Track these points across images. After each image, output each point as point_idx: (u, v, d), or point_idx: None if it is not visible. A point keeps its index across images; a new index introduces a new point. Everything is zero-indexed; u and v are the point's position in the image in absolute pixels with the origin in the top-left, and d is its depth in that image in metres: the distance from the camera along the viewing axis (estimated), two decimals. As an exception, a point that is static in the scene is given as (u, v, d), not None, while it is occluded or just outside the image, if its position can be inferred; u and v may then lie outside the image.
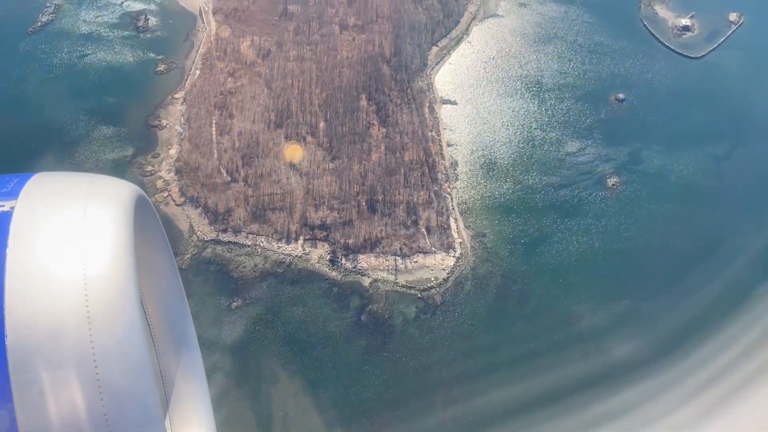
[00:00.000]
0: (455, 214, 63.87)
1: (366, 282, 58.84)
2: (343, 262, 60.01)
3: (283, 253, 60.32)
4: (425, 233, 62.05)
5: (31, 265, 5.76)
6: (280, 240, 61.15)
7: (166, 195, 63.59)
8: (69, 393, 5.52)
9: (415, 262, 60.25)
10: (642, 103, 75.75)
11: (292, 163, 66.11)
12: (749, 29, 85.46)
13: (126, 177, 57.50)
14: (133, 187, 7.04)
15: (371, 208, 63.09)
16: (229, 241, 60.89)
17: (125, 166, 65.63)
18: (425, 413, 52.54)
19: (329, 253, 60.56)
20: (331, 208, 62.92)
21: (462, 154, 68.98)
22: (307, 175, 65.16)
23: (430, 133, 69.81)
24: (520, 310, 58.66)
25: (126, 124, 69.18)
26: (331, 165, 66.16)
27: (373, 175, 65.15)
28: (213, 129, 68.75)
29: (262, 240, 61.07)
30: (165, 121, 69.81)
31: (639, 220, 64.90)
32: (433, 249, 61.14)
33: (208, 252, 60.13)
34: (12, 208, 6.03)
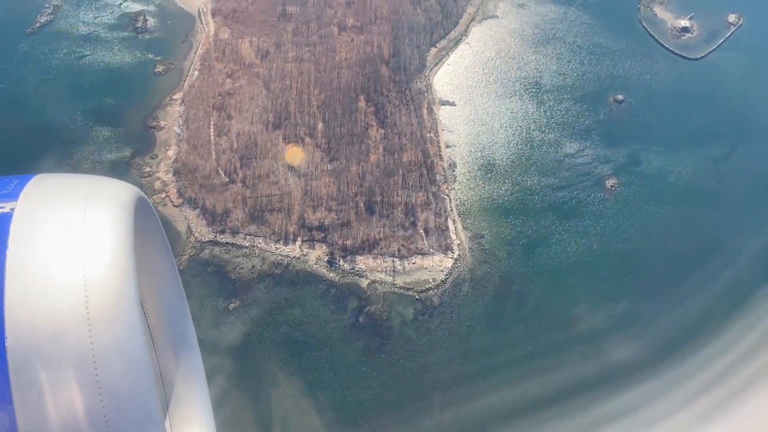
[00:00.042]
0: (453, 215, 63.77)
1: (364, 283, 58.74)
2: (341, 263, 59.92)
3: (280, 255, 60.24)
4: (423, 235, 61.96)
5: (31, 267, 5.77)
6: (277, 241, 61.07)
7: (164, 196, 63.53)
8: (69, 394, 5.52)
9: (413, 264, 60.15)
10: (641, 105, 75.66)
11: (291, 165, 66.05)
12: (748, 30, 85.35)
13: (124, 178, 57.21)
14: (133, 188, 7.06)
15: (369, 210, 63.01)
16: (227, 243, 60.81)
17: (123, 167, 65.56)
18: (423, 415, 52.42)
19: (327, 255, 60.47)
20: (329, 210, 62.84)
21: (460, 156, 68.88)
22: (305, 176, 65.09)
23: (428, 135, 69.73)
24: (518, 311, 58.56)
25: (124, 125, 69.15)
26: (329, 166, 66.10)
27: (372, 176, 65.08)
28: (211, 130, 68.70)
29: (260, 241, 60.99)
30: (163, 122, 69.76)
31: (637, 222, 64.78)
32: (431, 250, 61.06)
33: (205, 253, 60.07)
34: (12, 209, 6.05)
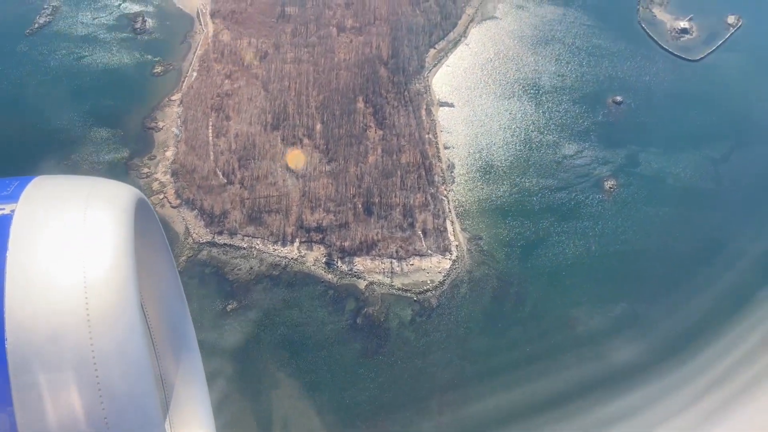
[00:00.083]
0: (452, 216, 63.69)
1: (362, 285, 58.65)
2: (338, 264, 59.83)
3: (278, 256, 60.16)
4: (421, 236, 61.87)
5: (32, 268, 5.78)
6: (275, 242, 60.99)
7: (162, 197, 63.46)
8: (69, 395, 5.53)
9: (411, 265, 60.06)
10: (640, 106, 75.58)
11: (289, 166, 65.98)
12: (748, 32, 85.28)
13: (122, 179, 57.21)
14: (133, 190, 7.07)
15: (367, 211, 62.93)
16: (225, 244, 60.74)
17: (121, 168, 65.50)
18: (421, 417, 52.32)
19: (325, 256, 60.38)
20: (327, 211, 62.76)
21: (459, 157, 68.79)
22: (304, 177, 65.02)
23: (427, 136, 69.65)
24: (516, 313, 58.45)
25: (122, 125, 69.06)
26: (327, 167, 66.02)
27: (370, 177, 65.01)
28: (209, 131, 68.64)
29: (258, 242, 60.91)
30: (161, 123, 69.71)
31: (636, 223, 64.68)
32: (429, 252, 60.96)
33: (203, 254, 59.98)
34: (12, 211, 6.07)
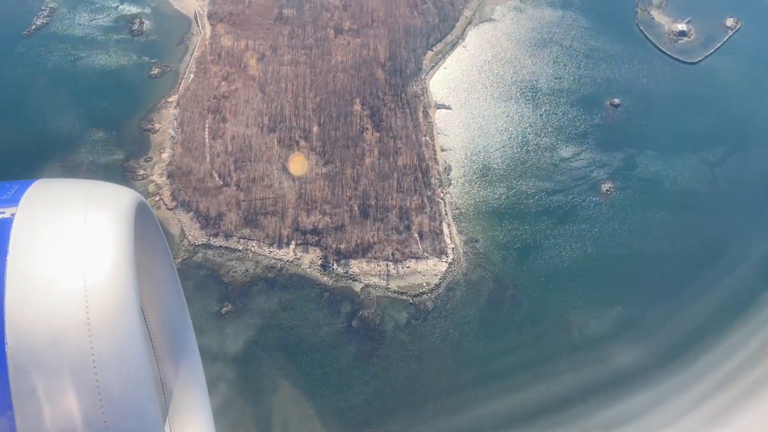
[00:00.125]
0: (448, 219, 63.54)
1: (357, 287, 58.49)
2: (334, 267, 59.68)
3: (274, 258, 60.00)
4: (418, 238, 61.73)
5: (32, 272, 5.78)
6: (271, 245, 60.85)
7: (158, 199, 63.34)
8: (69, 400, 5.51)
9: (407, 268, 59.91)
10: (637, 109, 75.48)
11: (285, 168, 65.87)
12: (746, 35, 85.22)
13: (118, 181, 57.22)
14: (133, 193, 7.05)
15: (364, 213, 62.81)
16: (221, 246, 60.60)
17: (117, 169, 65.36)
18: (416, 421, 52.08)
19: (321, 258, 60.23)
20: (323, 213, 62.63)
21: (456, 159, 68.68)
22: (300, 179, 64.90)
23: (423, 138, 69.55)
24: (512, 316, 58.25)
25: (119, 127, 68.96)
26: (324, 169, 65.91)
27: (366, 179, 64.91)
28: (206, 133, 68.55)
29: (254, 245, 60.75)
30: (158, 125, 69.62)
31: (633, 226, 64.52)
32: (425, 254, 60.81)
33: (199, 256, 59.84)
34: (13, 215, 6.06)
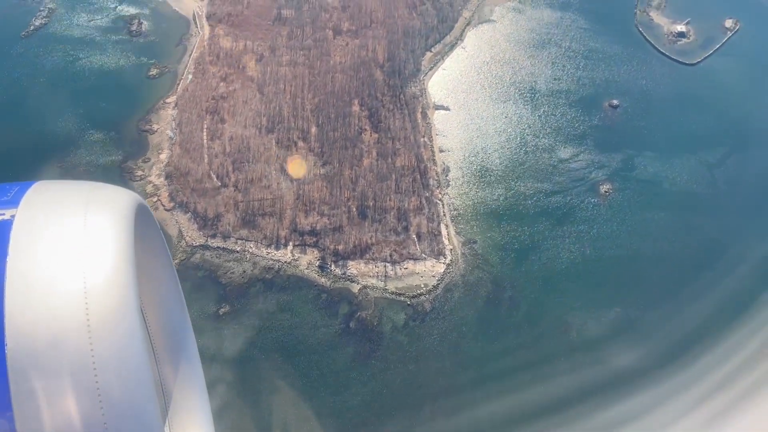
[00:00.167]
0: (446, 220, 63.45)
1: (355, 288, 58.40)
2: (332, 268, 59.58)
3: (272, 259, 59.90)
4: (416, 239, 61.64)
5: (32, 274, 5.78)
6: (269, 246, 60.75)
7: (156, 200, 63.25)
8: (69, 401, 5.51)
9: (405, 269, 59.81)
10: (636, 110, 75.39)
11: (284, 169, 65.80)
12: (745, 36, 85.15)
13: (116, 182, 57.22)
14: (133, 195, 7.06)
15: (362, 214, 62.72)
16: (218, 247, 60.50)
17: (116, 170, 65.26)
18: (414, 423, 51.99)
19: (319, 260, 60.14)
20: (321, 214, 62.55)
21: (454, 160, 68.59)
22: (298, 180, 64.81)
23: (422, 139, 69.47)
24: (510, 317, 58.16)
25: (117, 128, 68.87)
26: (322, 170, 65.83)
27: (365, 180, 64.82)
28: (204, 134, 68.48)
29: (251, 246, 60.67)
30: (156, 126, 69.55)
31: (632, 227, 64.43)
32: (423, 255, 60.72)
33: (196, 257, 59.75)
34: (12, 216, 6.06)
